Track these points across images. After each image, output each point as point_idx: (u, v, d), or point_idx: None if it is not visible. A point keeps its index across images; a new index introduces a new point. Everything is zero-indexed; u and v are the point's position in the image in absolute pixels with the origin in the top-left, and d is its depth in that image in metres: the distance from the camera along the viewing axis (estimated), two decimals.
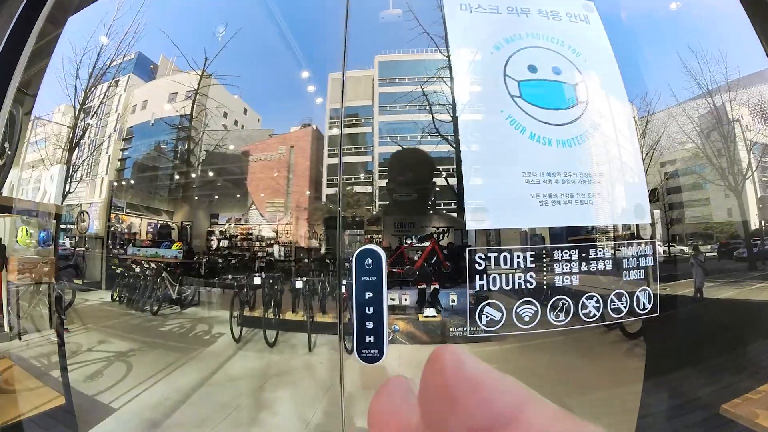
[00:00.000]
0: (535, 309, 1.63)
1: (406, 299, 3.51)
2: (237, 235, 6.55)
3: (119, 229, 5.60)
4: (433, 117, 3.20)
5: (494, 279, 1.64)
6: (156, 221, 6.25)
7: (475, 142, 1.81)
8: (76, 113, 3.86)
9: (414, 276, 3.09)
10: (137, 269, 3.53)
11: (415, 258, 3.78)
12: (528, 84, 1.78)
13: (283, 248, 6.86)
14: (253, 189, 7.04)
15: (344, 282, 2.70)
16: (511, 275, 1.72)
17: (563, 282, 1.66)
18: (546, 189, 1.59)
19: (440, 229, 4.03)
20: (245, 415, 1.54)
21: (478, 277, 1.66)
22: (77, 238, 5.10)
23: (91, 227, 3.63)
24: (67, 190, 3.90)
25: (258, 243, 6.52)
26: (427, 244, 3.72)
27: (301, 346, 2.45)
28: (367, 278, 1.08)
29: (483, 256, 1.60)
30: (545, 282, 1.69)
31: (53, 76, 3.39)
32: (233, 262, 4.98)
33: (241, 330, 2.53)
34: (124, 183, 5.90)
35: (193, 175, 5.83)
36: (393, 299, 3.37)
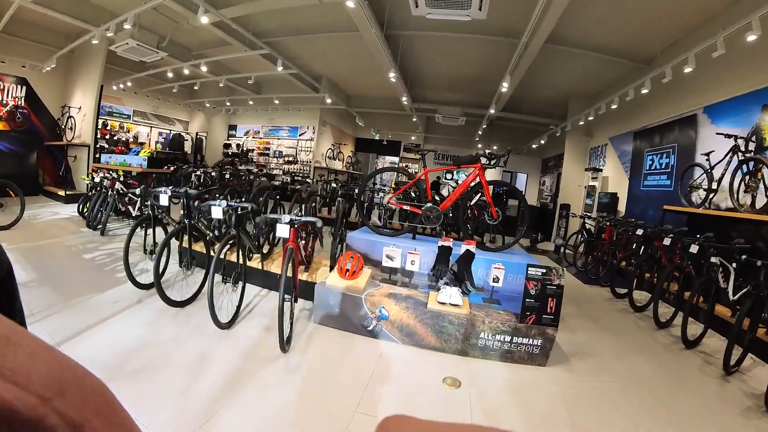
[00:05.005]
0: None
1: (413, 262, 1.82)
2: (253, 149, 5.72)
3: (123, 139, 4.99)
4: None
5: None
6: (168, 131, 5.58)
7: None
8: None
9: (438, 220, 2.01)
10: (96, 179, 2.82)
11: (445, 194, 2.45)
12: None
13: (299, 167, 5.91)
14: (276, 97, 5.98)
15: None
16: None
17: None
18: None
19: (494, 153, 2.11)
20: None
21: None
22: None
23: None
24: None
25: (275, 160, 5.67)
26: (463, 176, 2.15)
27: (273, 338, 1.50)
28: None
29: None
30: None
31: None
32: (228, 178, 4.17)
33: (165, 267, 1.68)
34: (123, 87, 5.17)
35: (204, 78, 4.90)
36: (391, 258, 1.83)
